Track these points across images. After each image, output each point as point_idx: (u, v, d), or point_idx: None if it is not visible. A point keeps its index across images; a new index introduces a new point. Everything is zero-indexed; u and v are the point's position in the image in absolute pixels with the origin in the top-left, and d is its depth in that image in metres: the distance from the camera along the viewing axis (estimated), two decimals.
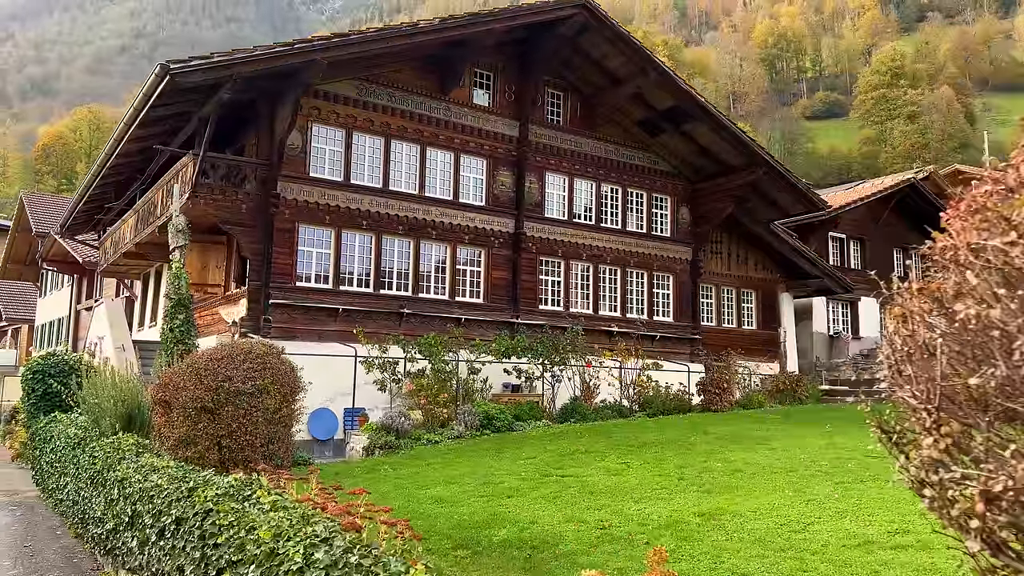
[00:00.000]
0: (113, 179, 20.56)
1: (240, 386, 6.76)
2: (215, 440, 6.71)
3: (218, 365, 6.91)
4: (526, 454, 12.63)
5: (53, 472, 10.46)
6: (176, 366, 7.37)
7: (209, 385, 6.74)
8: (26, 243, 34.85)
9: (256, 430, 6.84)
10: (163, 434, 6.90)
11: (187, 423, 6.68)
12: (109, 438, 8.09)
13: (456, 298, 19.28)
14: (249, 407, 6.79)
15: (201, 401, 6.70)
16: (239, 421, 6.77)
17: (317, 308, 17.33)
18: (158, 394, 6.96)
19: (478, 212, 19.68)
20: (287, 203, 17.07)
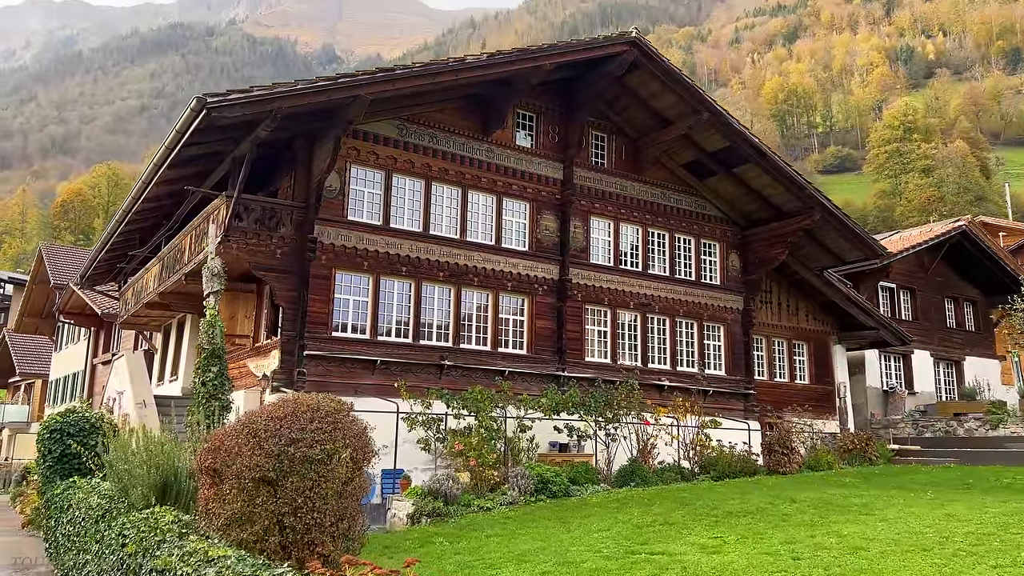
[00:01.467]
0: (138, 225, 19.63)
1: (307, 451, 5.51)
2: (276, 519, 5.42)
3: (280, 425, 5.67)
4: (597, 525, 11.21)
5: (71, 547, 9.13)
6: (225, 425, 6.13)
7: (270, 450, 5.50)
8: (43, 296, 34.02)
9: (326, 505, 5.57)
10: (211, 510, 5.63)
11: (242, 497, 5.42)
12: (141, 512, 6.81)
13: (499, 349, 18.03)
14: (318, 477, 5.52)
15: (260, 470, 5.44)
16: (306, 495, 5.49)
17: (353, 360, 16.11)
18: (206, 460, 5.72)
19: (521, 258, 18.58)
20: (324, 248, 16.03)
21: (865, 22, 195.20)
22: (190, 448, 7.82)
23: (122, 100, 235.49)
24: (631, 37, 17.68)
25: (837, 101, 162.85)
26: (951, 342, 28.94)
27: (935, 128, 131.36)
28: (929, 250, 28.12)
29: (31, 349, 38.66)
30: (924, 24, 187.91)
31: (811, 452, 18.12)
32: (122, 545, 6.42)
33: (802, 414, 21.86)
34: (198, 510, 5.97)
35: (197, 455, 6.05)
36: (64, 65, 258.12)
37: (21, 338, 38.62)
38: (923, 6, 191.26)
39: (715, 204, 21.71)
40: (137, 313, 21.99)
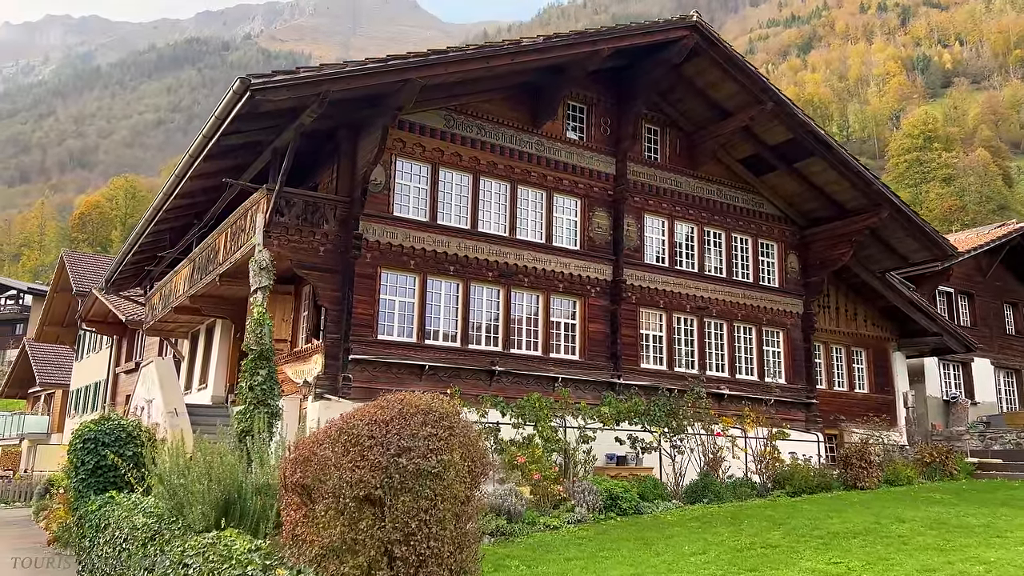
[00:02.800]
0: (168, 225, 18.68)
1: (421, 463, 4.41)
2: (384, 548, 4.30)
3: (387, 430, 4.57)
4: (688, 548, 10.00)
5: (110, 571, 8.03)
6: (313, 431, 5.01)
7: (376, 461, 4.39)
8: (64, 304, 33.20)
9: (443, 531, 4.45)
10: (300, 536, 4.52)
11: (341, 521, 4.32)
12: (203, 536, 5.70)
13: (550, 354, 16.89)
14: (433, 495, 4.41)
15: (365, 486, 4.34)
16: (420, 517, 4.38)
17: (400, 365, 15.02)
18: (293, 474, 4.61)
19: (573, 257, 17.45)
20: (369, 245, 14.98)
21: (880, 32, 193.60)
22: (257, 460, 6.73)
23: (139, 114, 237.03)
24: (692, 21, 16.59)
25: (854, 111, 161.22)
26: (1011, 349, 27.52)
27: (955, 137, 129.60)
28: (987, 253, 26.77)
29: (52, 359, 37.85)
30: (940, 33, 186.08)
31: (887, 466, 16.80)
32: None
33: (861, 425, 20.57)
34: (283, 535, 4.85)
35: (281, 468, 4.94)
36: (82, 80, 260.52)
37: (41, 348, 37.83)
38: (939, 15, 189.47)
39: (773, 202, 20.51)
40: (164, 318, 21.01)
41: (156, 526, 6.83)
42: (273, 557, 4.69)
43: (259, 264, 10.61)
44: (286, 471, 4.87)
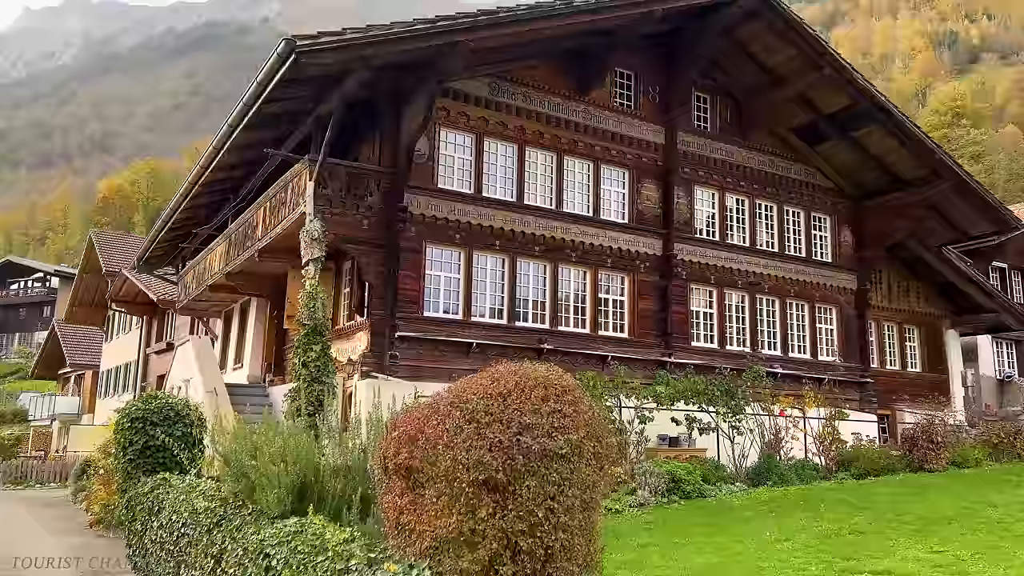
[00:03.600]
0: (203, 200, 18.19)
1: (547, 443, 3.82)
2: (508, 540, 3.73)
3: (506, 404, 3.98)
4: (769, 534, 9.39)
5: (167, 558, 7.56)
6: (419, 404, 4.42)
7: (497, 440, 3.81)
8: (94, 285, 32.96)
9: (572, 521, 3.86)
10: (407, 526, 3.96)
11: (458, 509, 3.74)
12: (282, 522, 5.17)
13: (599, 332, 16.27)
14: (561, 480, 3.83)
15: (485, 469, 3.76)
16: (548, 506, 3.79)
17: (446, 342, 14.48)
18: (398, 454, 4.04)
19: (621, 231, 16.77)
20: (414, 219, 14.38)
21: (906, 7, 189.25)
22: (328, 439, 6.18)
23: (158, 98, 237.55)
24: None
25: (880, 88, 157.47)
26: None
27: (984, 114, 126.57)
28: None
29: (81, 340, 37.77)
30: (967, 8, 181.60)
31: (953, 447, 16.06)
32: (266, 569, 4.77)
33: (914, 405, 19.83)
34: (386, 524, 4.28)
35: (381, 448, 4.36)
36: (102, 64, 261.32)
37: (71, 329, 37.74)
38: None
39: (826, 173, 19.67)
40: (198, 297, 20.59)
41: (221, 511, 6.31)
42: (375, 548, 4.13)
43: (311, 235, 10.06)
44: (387, 451, 4.28)
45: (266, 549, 4.89)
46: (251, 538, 5.35)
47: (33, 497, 21.52)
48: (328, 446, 5.91)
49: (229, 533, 5.79)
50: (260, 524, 5.47)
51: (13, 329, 69.94)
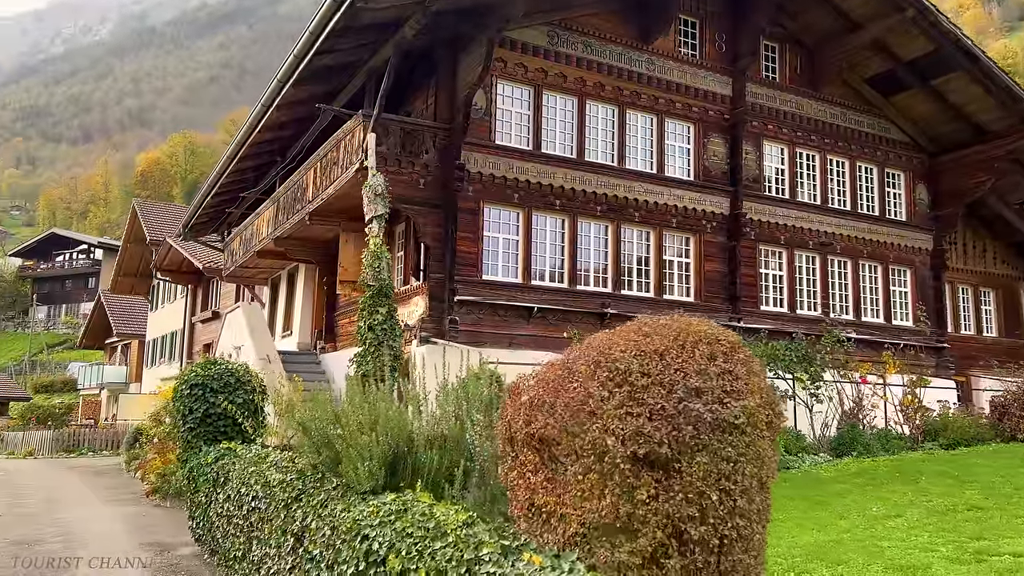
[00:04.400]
0: (250, 163, 17.66)
1: (720, 410, 3.13)
2: (675, 527, 3.05)
3: (665, 364, 3.27)
4: (875, 509, 8.64)
5: (235, 532, 7.07)
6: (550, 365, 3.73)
7: (658, 407, 3.13)
8: (138, 254, 32.96)
9: (750, 505, 3.18)
10: (542, 508, 3.30)
11: (612, 489, 3.08)
12: (377, 498, 4.56)
13: (663, 296, 15.47)
14: (737, 456, 3.13)
15: (646, 442, 3.08)
16: (722, 486, 3.11)
17: (506, 307, 13.82)
18: (529, 423, 3.38)
19: (686, 188, 15.87)
20: (471, 177, 13.66)
21: None
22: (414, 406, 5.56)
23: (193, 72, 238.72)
24: None
25: None
26: None
27: None
28: None
29: (127, 310, 38.00)
30: None
31: None
32: (366, 553, 4.16)
33: (989, 371, 18.74)
34: (514, 506, 3.61)
35: (504, 415, 3.69)
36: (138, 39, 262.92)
37: (117, 299, 37.97)
38: None
39: (901, 126, 18.47)
40: (245, 264, 20.20)
41: (300, 484, 5.75)
42: (506, 533, 3.48)
43: (374, 190, 9.41)
44: (513, 419, 3.61)
45: (364, 530, 4.29)
46: (341, 516, 4.76)
47: (86, 465, 21.58)
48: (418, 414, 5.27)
49: (313, 510, 5.22)
50: (349, 500, 4.87)
51: (60, 300, 71.18)
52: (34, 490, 15.53)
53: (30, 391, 49.56)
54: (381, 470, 4.86)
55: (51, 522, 11.50)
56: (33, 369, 58.84)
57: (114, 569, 8.16)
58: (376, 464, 4.84)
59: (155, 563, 8.53)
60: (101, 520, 11.75)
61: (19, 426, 30.35)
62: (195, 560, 8.60)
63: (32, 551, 9.25)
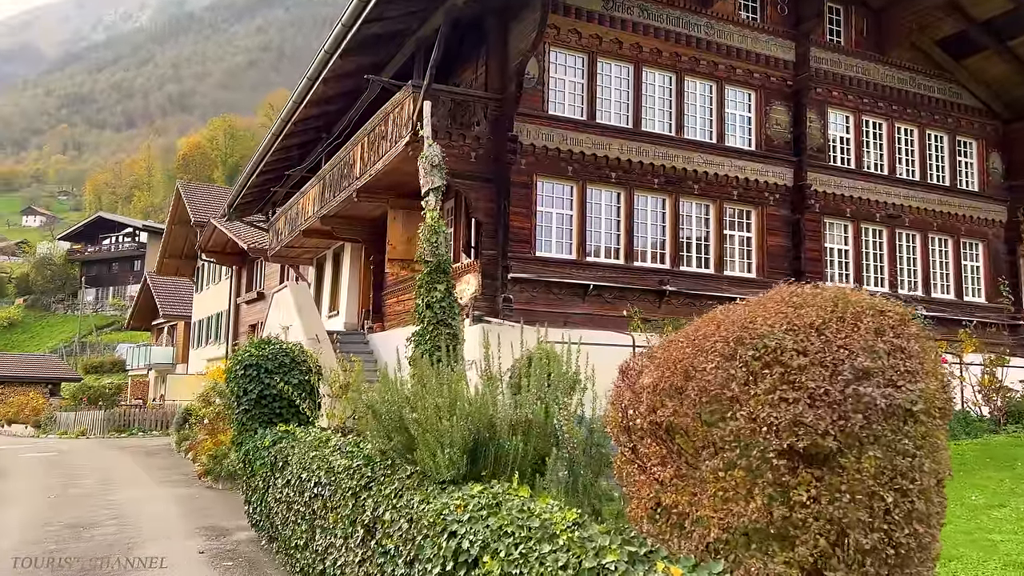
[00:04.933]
0: (296, 140, 17.34)
1: (895, 396, 2.58)
2: (839, 534, 2.53)
3: (825, 342, 2.74)
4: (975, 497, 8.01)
5: (297, 520, 6.73)
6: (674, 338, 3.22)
7: (822, 392, 2.59)
8: (182, 236, 33.12)
9: (929, 507, 2.65)
10: (671, 508, 2.81)
11: (762, 489, 2.56)
12: (461, 490, 4.12)
13: (723, 272, 14.82)
14: (914, 450, 2.58)
15: (806, 433, 2.56)
16: (898, 487, 2.56)
17: (560, 284, 13.32)
18: (653, 409, 2.87)
19: (748, 159, 15.14)
20: (524, 149, 13.13)
21: None
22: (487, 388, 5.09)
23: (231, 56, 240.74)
24: None
25: None
26: None
27: None
28: None
29: (173, 291, 38.35)
30: None
31: None
32: (455, 552, 3.72)
33: None
34: (634, 505, 3.13)
35: (619, 399, 3.20)
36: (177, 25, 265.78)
37: (162, 281, 38.33)
38: None
39: (973, 91, 17.42)
40: (291, 244, 19.97)
41: (368, 471, 5.35)
42: (630, 538, 3.00)
43: (430, 161, 8.97)
44: (631, 405, 3.12)
45: (450, 526, 3.85)
46: (419, 508, 4.34)
47: (137, 445, 21.74)
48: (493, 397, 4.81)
49: (386, 500, 4.81)
50: (428, 491, 4.45)
51: (107, 283, 72.52)
52: (87, 470, 15.56)
53: (81, 372, 50.62)
54: (462, 458, 4.42)
55: (105, 503, 11.40)
56: (83, 350, 60.12)
57: (171, 555, 7.92)
58: (457, 451, 4.40)
59: (211, 549, 8.28)
60: (154, 502, 11.62)
61: (71, 406, 30.85)
62: (252, 546, 8.33)
63: (88, 534, 9.10)
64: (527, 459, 4.52)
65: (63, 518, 10.15)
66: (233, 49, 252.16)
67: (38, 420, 29.27)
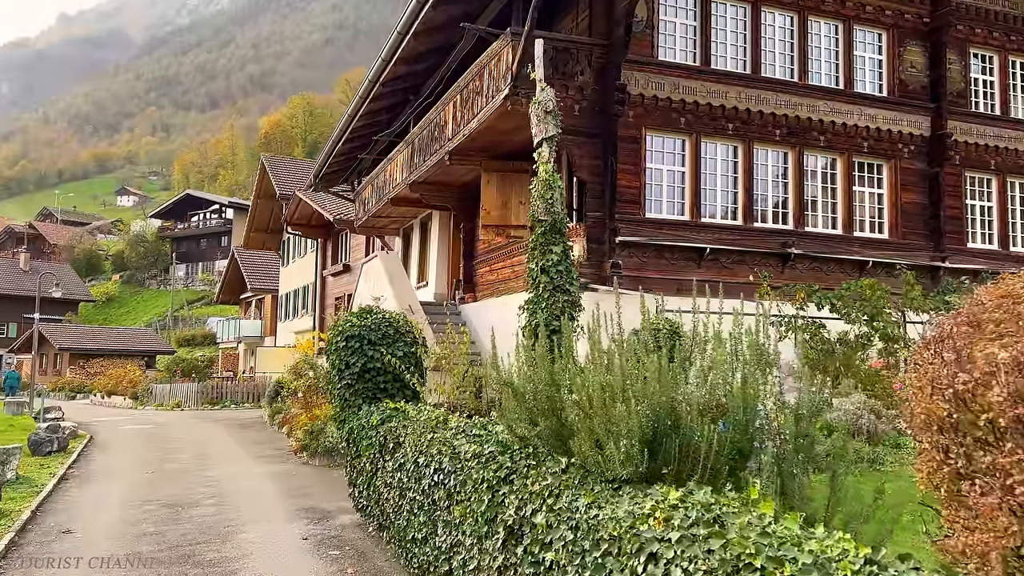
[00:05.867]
0: (383, 103, 16.59)
1: None
2: None
3: None
4: None
5: (413, 510, 5.95)
6: None
7: None
8: (268, 210, 33.18)
9: None
10: None
11: None
12: (639, 493, 3.17)
13: (852, 232, 13.37)
14: None
15: None
16: None
17: (673, 248, 12.19)
18: (1009, 395, 1.75)
19: (879, 106, 13.57)
20: (631, 100, 11.97)
21: None
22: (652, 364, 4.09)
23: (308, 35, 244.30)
24: None
25: None
26: None
27: None
28: None
29: (260, 265, 38.74)
30: None
31: None
32: None
33: None
34: (961, 535, 2.10)
35: (928, 380, 2.16)
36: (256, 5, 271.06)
37: (250, 255, 38.75)
38: None
39: None
40: (378, 213, 19.36)
41: (508, 461, 4.46)
42: None
43: (543, 106, 7.97)
44: (964, 389, 2.08)
45: (649, 545, 2.90)
46: (587, 514, 3.41)
47: (230, 418, 21.77)
48: (675, 374, 3.82)
49: (538, 499, 3.90)
50: (595, 491, 3.52)
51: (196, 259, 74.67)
52: (183, 444, 15.41)
53: (174, 345, 52.22)
54: (641, 452, 3.47)
55: (202, 480, 11.03)
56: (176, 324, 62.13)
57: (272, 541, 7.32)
58: (635, 443, 3.45)
59: (315, 534, 7.64)
60: (251, 478, 11.19)
61: (166, 378, 31.51)
62: (358, 532, 7.64)
63: (186, 514, 8.64)
64: (721, 454, 3.53)
65: (161, 495, 9.77)
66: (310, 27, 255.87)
67: (135, 392, 29.98)
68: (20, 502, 9.03)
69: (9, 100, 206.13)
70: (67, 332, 48.89)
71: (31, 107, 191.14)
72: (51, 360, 47.38)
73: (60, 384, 40.29)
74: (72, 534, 7.76)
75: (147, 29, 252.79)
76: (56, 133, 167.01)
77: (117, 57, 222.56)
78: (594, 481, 3.65)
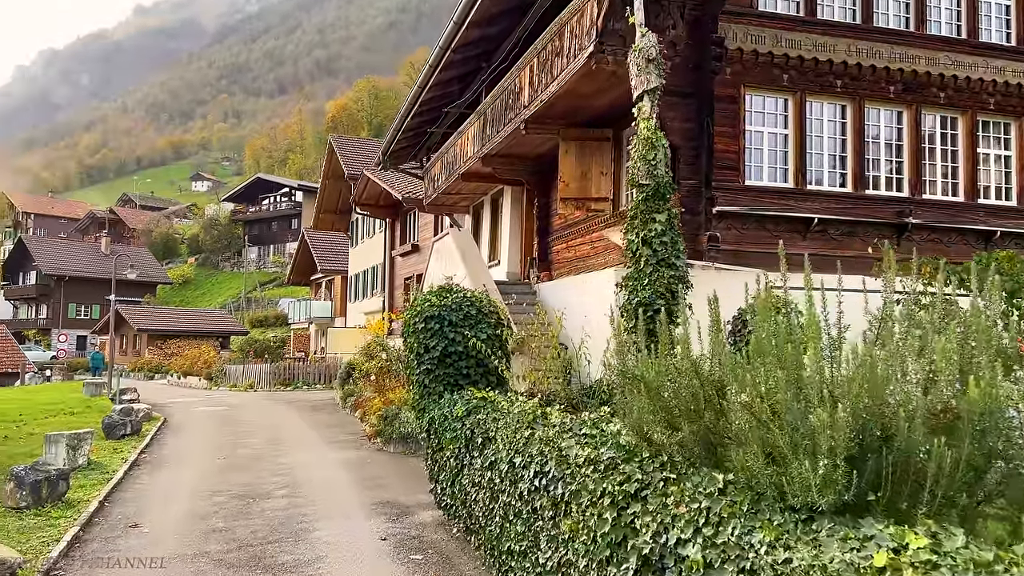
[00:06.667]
0: (454, 72, 15.75)
1: None
2: None
3: None
4: None
5: (509, 517, 5.15)
6: None
7: None
8: (336, 191, 32.97)
9: None
10: None
11: None
12: (853, 532, 2.23)
13: (977, 200, 11.93)
14: None
15: None
16: None
17: (775, 219, 11.03)
18: None
19: (1007, 57, 12.03)
20: (729, 55, 10.82)
21: None
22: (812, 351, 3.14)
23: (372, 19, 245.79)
24: None
25: None
26: None
27: None
28: None
29: (329, 246, 38.73)
30: None
31: None
32: None
33: None
34: None
35: None
36: None
37: (319, 237, 38.76)
38: None
39: None
40: (448, 190, 18.59)
41: (636, 472, 3.59)
42: None
43: (645, 55, 6.97)
44: None
45: None
46: (767, 557, 2.52)
47: (302, 399, 21.54)
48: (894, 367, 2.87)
49: (688, 527, 3.02)
50: (775, 524, 2.62)
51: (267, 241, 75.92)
52: (256, 427, 15.08)
53: (247, 326, 53.09)
54: (848, 473, 2.55)
55: (274, 468, 10.53)
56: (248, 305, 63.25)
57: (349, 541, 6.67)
58: (839, 462, 2.53)
59: (394, 534, 6.95)
60: (324, 466, 10.64)
61: (239, 359, 31.76)
62: (441, 533, 6.92)
63: (257, 508, 8.08)
64: (954, 478, 2.59)
65: (232, 485, 9.28)
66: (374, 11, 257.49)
67: (210, 372, 30.27)
68: (89, 490, 8.67)
69: (89, 91, 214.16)
70: (145, 313, 50.18)
71: (110, 97, 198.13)
72: (130, 341, 48.72)
73: (139, 364, 41.30)
74: (139, 528, 7.28)
75: (218, 18, 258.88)
76: (134, 122, 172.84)
77: (190, 46, 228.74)
78: (770, 508, 2.75)
